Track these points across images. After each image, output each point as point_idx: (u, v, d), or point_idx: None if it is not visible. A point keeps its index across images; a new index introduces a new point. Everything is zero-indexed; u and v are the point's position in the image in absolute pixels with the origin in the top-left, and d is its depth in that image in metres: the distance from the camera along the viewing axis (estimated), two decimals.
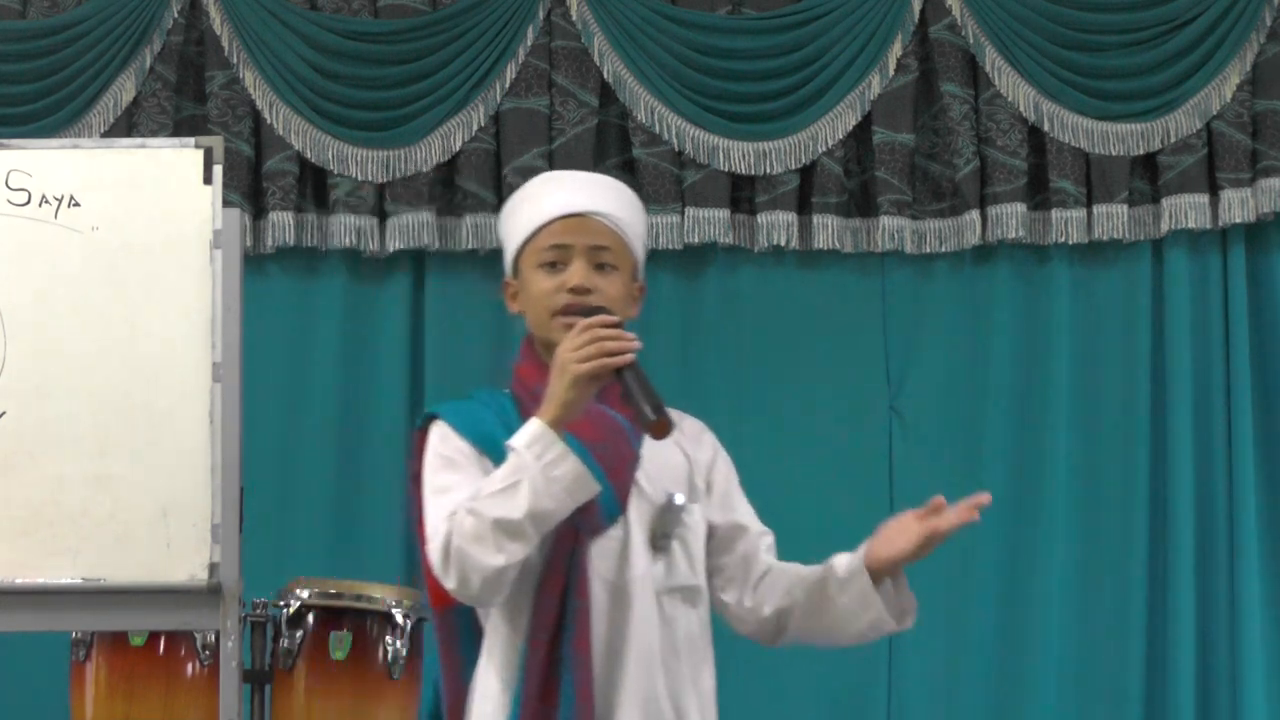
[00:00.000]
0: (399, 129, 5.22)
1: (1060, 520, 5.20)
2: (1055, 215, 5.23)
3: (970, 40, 5.25)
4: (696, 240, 5.21)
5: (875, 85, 5.25)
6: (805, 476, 5.12)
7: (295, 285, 5.27)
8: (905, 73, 5.26)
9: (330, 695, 4.07)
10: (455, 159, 5.23)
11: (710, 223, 5.21)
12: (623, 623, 2.59)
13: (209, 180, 3.74)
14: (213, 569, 3.62)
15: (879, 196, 5.22)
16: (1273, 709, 5.09)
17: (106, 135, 5.08)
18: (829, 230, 5.23)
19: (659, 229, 5.19)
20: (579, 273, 2.65)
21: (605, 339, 2.50)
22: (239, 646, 3.69)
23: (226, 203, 3.81)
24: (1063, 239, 5.23)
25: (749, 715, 4.97)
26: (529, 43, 5.24)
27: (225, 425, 3.67)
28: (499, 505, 2.45)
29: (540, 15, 5.25)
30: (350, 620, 4.10)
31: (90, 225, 3.72)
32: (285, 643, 4.07)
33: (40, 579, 3.63)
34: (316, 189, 5.24)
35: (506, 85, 5.23)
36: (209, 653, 4.00)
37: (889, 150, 5.22)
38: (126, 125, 5.15)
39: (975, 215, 5.20)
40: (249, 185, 5.16)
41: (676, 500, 2.67)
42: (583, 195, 2.72)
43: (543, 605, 2.54)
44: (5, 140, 3.84)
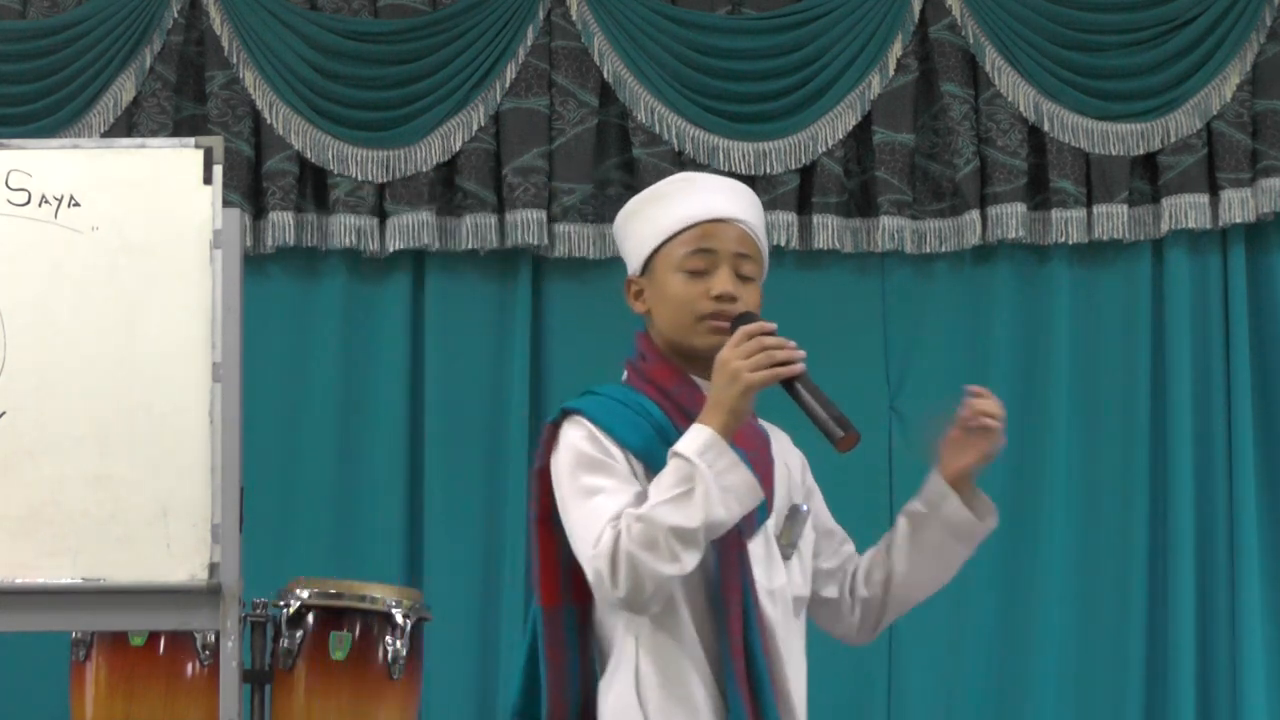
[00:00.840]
0: (399, 129, 5.22)
1: (1060, 520, 5.19)
2: (1055, 215, 5.23)
3: (970, 40, 5.25)
4: None
5: (875, 85, 5.24)
6: None
7: (295, 285, 5.27)
8: (905, 73, 5.26)
9: (330, 695, 4.07)
10: (455, 159, 5.23)
11: None
12: (783, 630, 2.60)
13: (209, 180, 3.73)
14: (213, 569, 3.62)
15: (879, 196, 5.22)
16: (1273, 709, 5.08)
17: (106, 135, 5.08)
18: (829, 230, 5.23)
19: None
20: (726, 280, 2.61)
21: (772, 347, 2.49)
22: (239, 646, 3.69)
23: (226, 203, 3.80)
24: (1063, 239, 5.23)
25: None
26: (529, 43, 5.24)
27: (225, 425, 3.66)
28: (673, 513, 2.42)
29: (540, 15, 5.25)
30: (350, 620, 4.09)
31: (90, 225, 3.71)
32: (285, 643, 4.07)
33: (40, 579, 3.62)
34: (316, 189, 5.24)
35: (506, 85, 5.23)
36: (209, 653, 4.00)
37: (889, 150, 5.22)
38: (126, 125, 5.15)
39: (975, 215, 5.20)
40: (249, 185, 5.16)
41: (802, 509, 2.68)
42: (725, 200, 2.68)
43: (729, 613, 2.52)
44: (5, 140, 3.83)
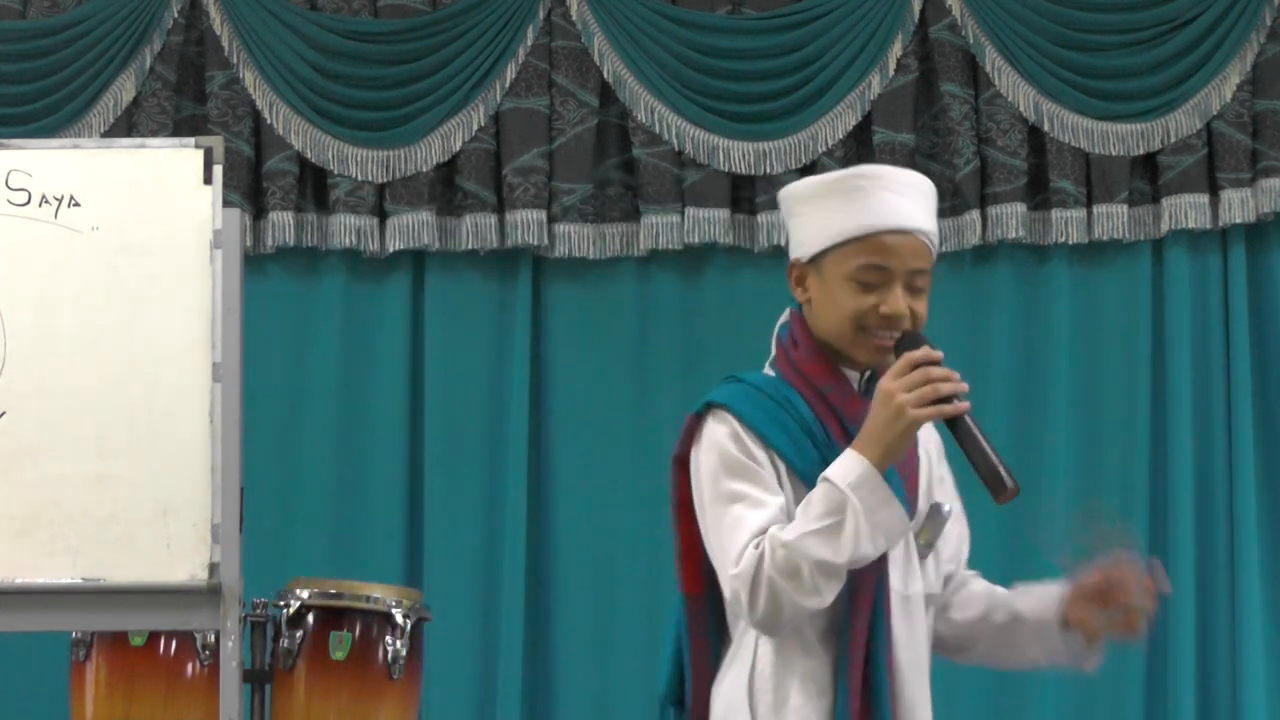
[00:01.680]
0: (399, 129, 5.22)
1: (1060, 520, 5.18)
2: (1055, 215, 5.23)
3: (970, 40, 5.25)
4: (696, 240, 5.21)
5: (875, 85, 5.24)
6: None
7: (295, 285, 5.27)
8: (905, 73, 5.26)
9: (330, 695, 4.07)
10: (455, 159, 5.23)
11: (710, 223, 5.21)
12: (913, 637, 2.56)
13: (209, 180, 3.73)
14: (213, 569, 3.62)
15: None
16: (1273, 709, 5.08)
17: (106, 135, 5.08)
18: None
19: (659, 229, 5.20)
20: (899, 300, 2.53)
21: (938, 379, 2.43)
22: (239, 646, 3.69)
23: (226, 203, 3.81)
24: (1063, 239, 5.23)
25: None
26: (529, 43, 5.24)
27: (225, 425, 3.66)
28: (820, 546, 2.39)
29: (540, 15, 5.25)
30: (350, 620, 4.10)
31: (90, 225, 3.72)
32: (285, 643, 4.07)
33: (40, 579, 3.63)
34: (316, 189, 5.24)
35: (506, 85, 5.23)
36: (209, 653, 4.00)
37: (889, 150, 5.22)
38: (126, 125, 5.15)
39: (975, 215, 5.20)
40: (249, 185, 5.17)
41: (944, 509, 2.63)
42: (911, 207, 2.56)
43: (855, 621, 2.48)
44: (5, 140, 3.84)
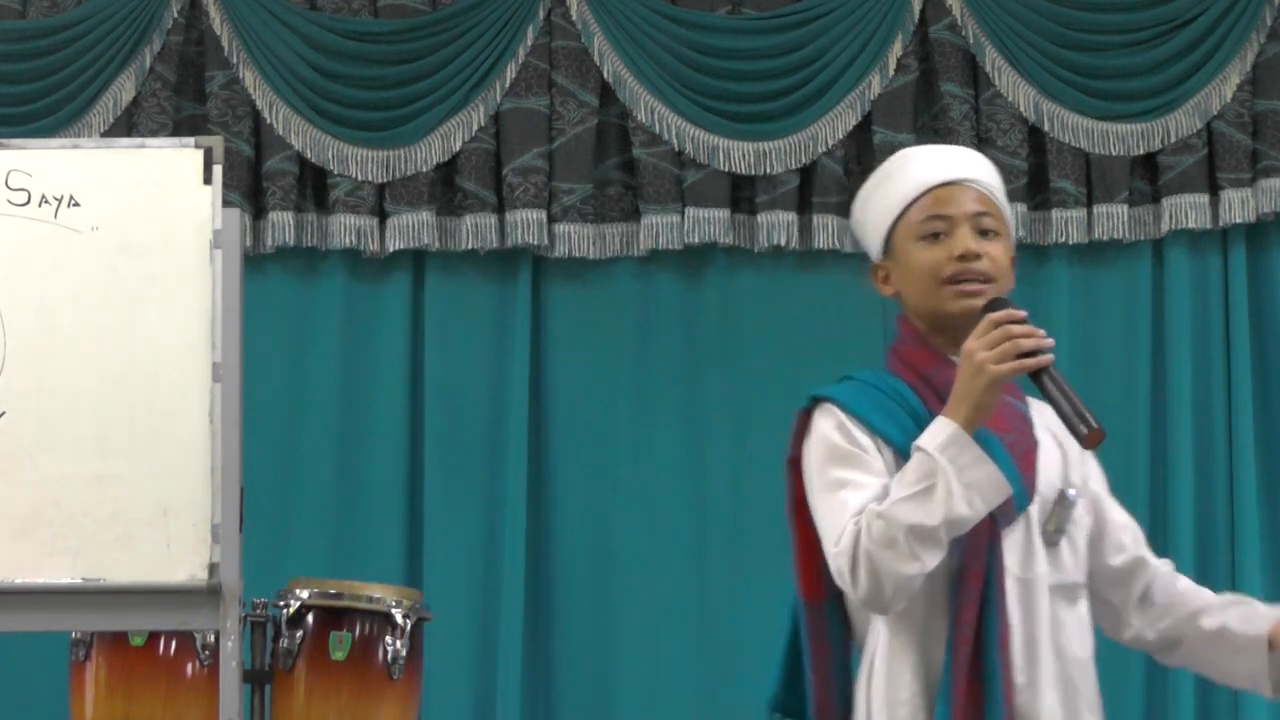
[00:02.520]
0: (399, 129, 5.22)
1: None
2: (1055, 215, 5.23)
3: (970, 40, 5.25)
4: (696, 240, 5.21)
5: (875, 85, 5.24)
6: None
7: (295, 285, 5.27)
8: (905, 73, 5.26)
9: (330, 695, 4.07)
10: (455, 159, 5.23)
11: (710, 223, 5.21)
12: (1033, 622, 2.53)
13: (209, 180, 3.73)
14: (213, 569, 3.62)
15: None
16: (1273, 708, 5.08)
17: (106, 135, 5.08)
18: (829, 230, 5.23)
19: (659, 229, 5.20)
20: (966, 238, 2.55)
21: (1019, 336, 2.43)
22: (239, 646, 3.69)
23: (226, 203, 3.80)
24: (1063, 239, 5.23)
25: (748, 714, 4.95)
26: (529, 43, 5.24)
27: (225, 425, 3.66)
28: (912, 511, 2.38)
29: (540, 15, 5.25)
30: (350, 620, 4.10)
31: (90, 225, 3.71)
32: (285, 643, 4.07)
33: (40, 579, 3.62)
34: (316, 189, 5.24)
35: (506, 85, 5.23)
36: (209, 653, 4.00)
37: (889, 150, 5.14)
38: (126, 125, 5.15)
39: None
40: (249, 185, 5.17)
41: (1070, 495, 2.62)
42: (951, 164, 2.65)
43: (964, 602, 2.45)
44: (5, 140, 3.83)
